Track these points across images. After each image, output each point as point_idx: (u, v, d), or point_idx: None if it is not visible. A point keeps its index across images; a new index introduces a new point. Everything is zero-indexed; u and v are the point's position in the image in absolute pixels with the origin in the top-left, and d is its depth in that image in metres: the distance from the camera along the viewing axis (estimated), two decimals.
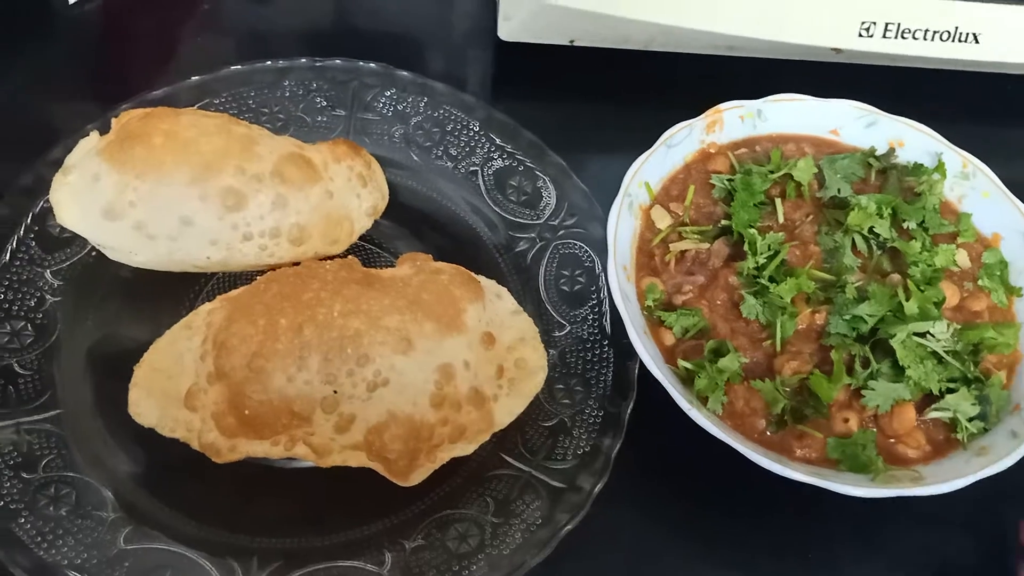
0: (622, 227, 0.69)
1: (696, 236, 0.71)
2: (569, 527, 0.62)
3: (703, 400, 0.64)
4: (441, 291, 0.64)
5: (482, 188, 0.78)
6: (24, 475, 0.62)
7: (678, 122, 0.74)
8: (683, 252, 0.70)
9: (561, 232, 0.76)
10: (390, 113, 0.81)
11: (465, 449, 0.62)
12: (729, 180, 0.73)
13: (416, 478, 0.61)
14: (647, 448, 0.67)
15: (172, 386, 0.62)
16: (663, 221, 0.72)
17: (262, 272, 0.67)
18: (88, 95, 0.85)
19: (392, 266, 0.73)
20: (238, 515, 0.63)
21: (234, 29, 0.93)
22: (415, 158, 0.79)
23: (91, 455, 0.63)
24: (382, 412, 0.60)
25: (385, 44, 0.92)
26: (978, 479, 0.60)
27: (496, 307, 0.67)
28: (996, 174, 0.74)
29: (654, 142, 0.73)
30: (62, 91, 0.85)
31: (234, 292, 0.65)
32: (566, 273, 0.74)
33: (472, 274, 0.67)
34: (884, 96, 0.78)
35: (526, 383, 0.65)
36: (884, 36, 0.82)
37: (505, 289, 0.69)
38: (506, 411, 0.64)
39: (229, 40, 0.92)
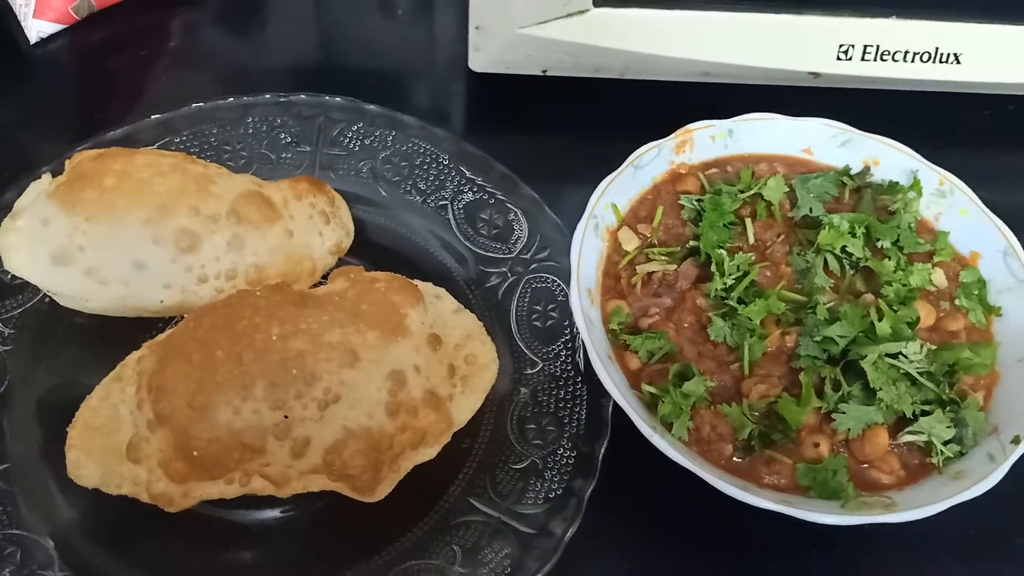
0: (587, 249, 0.67)
1: (664, 258, 0.69)
2: (540, 575, 0.59)
3: (668, 426, 0.61)
4: (380, 299, 0.62)
5: (452, 222, 0.76)
6: None
7: None
8: (650, 274, 0.68)
9: (533, 266, 0.73)
10: (357, 148, 0.79)
11: (427, 454, 0.60)
12: (699, 201, 0.72)
13: (381, 492, 0.59)
14: (620, 485, 0.64)
15: (111, 442, 0.59)
16: (631, 243, 0.70)
17: None
18: (49, 137, 0.83)
19: None
20: (199, 570, 0.60)
21: (205, 66, 0.92)
22: (383, 193, 0.77)
23: (40, 511, 0.61)
24: (337, 429, 0.58)
25: (357, 78, 0.90)
26: (954, 504, 0.57)
27: (438, 308, 0.66)
28: (977, 196, 0.72)
29: None
30: (21, 133, 0.83)
31: (161, 336, 0.63)
32: (538, 308, 0.72)
33: (408, 279, 0.65)
34: (863, 119, 0.76)
35: (479, 378, 0.64)
36: (863, 59, 0.80)
37: (443, 290, 0.68)
38: (464, 408, 0.63)
39: (199, 77, 0.90)
